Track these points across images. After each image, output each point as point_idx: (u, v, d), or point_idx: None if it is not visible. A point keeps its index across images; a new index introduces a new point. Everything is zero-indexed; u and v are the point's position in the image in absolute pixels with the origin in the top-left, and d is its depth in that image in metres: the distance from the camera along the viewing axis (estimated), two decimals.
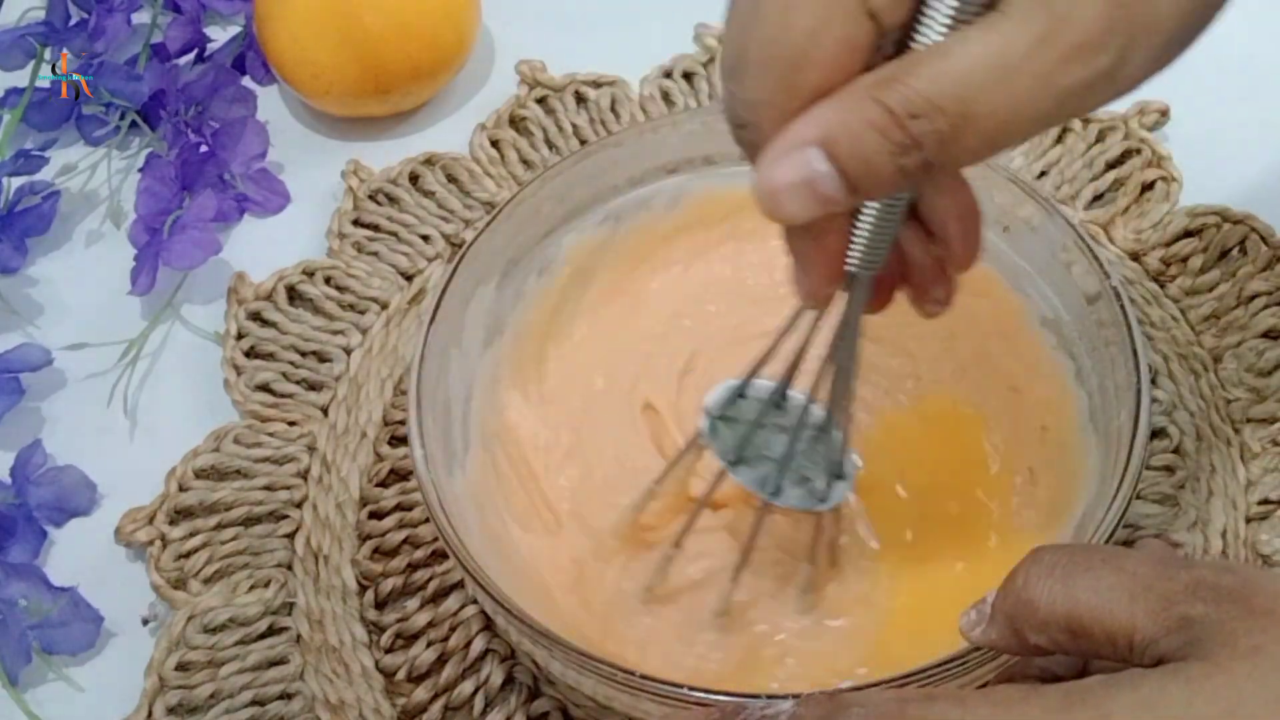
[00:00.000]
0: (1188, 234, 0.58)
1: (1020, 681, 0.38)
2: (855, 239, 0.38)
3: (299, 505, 0.53)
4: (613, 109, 0.65)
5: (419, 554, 0.51)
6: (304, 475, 0.54)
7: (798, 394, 0.44)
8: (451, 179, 0.63)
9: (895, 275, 0.41)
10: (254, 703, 0.48)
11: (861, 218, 0.38)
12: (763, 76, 0.34)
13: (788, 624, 0.46)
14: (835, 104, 0.34)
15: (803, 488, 0.45)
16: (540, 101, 0.66)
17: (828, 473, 0.44)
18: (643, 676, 0.40)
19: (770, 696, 0.38)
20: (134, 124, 0.66)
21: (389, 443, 0.55)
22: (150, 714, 0.48)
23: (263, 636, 0.50)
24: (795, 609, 0.46)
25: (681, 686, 0.40)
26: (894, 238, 0.39)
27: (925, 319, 0.42)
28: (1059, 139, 0.62)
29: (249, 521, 0.53)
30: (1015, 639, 0.36)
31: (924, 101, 0.32)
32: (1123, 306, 0.46)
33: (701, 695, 0.39)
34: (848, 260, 0.39)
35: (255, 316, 0.59)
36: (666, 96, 0.66)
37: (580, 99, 0.66)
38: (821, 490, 0.45)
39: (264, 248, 0.62)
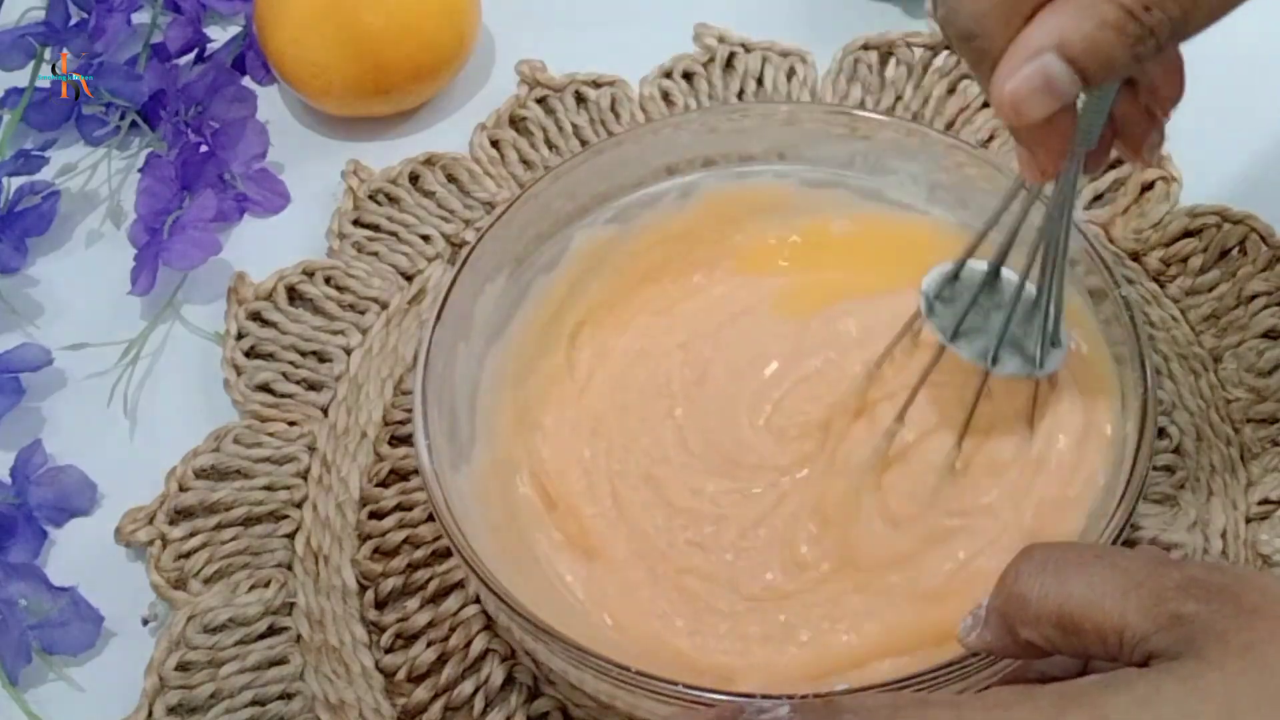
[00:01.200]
0: (1188, 234, 0.58)
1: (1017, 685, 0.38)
2: (1080, 116, 0.41)
3: (299, 505, 0.53)
4: (613, 109, 0.65)
5: (419, 554, 0.51)
6: (304, 475, 0.54)
7: (1008, 271, 0.47)
8: (451, 179, 0.63)
9: (1109, 136, 0.44)
10: (254, 703, 0.48)
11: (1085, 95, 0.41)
12: None
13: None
14: (1067, 7, 0.36)
15: (1020, 357, 0.47)
16: (540, 101, 0.66)
17: (1042, 342, 0.46)
18: (639, 673, 0.40)
19: (765, 697, 0.38)
20: (134, 124, 0.66)
21: (389, 443, 0.55)
22: (150, 714, 0.48)
23: (263, 636, 0.50)
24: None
25: (677, 684, 0.40)
26: (1110, 108, 0.42)
27: (1144, 167, 0.45)
28: None
29: (249, 521, 0.53)
30: (1009, 637, 0.36)
31: None
32: (1132, 318, 0.46)
33: (697, 693, 0.39)
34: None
35: (255, 316, 0.59)
36: (666, 96, 0.66)
37: (580, 99, 0.66)
38: (1035, 357, 0.47)
39: (264, 248, 0.62)
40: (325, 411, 0.56)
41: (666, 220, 0.55)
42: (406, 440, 0.54)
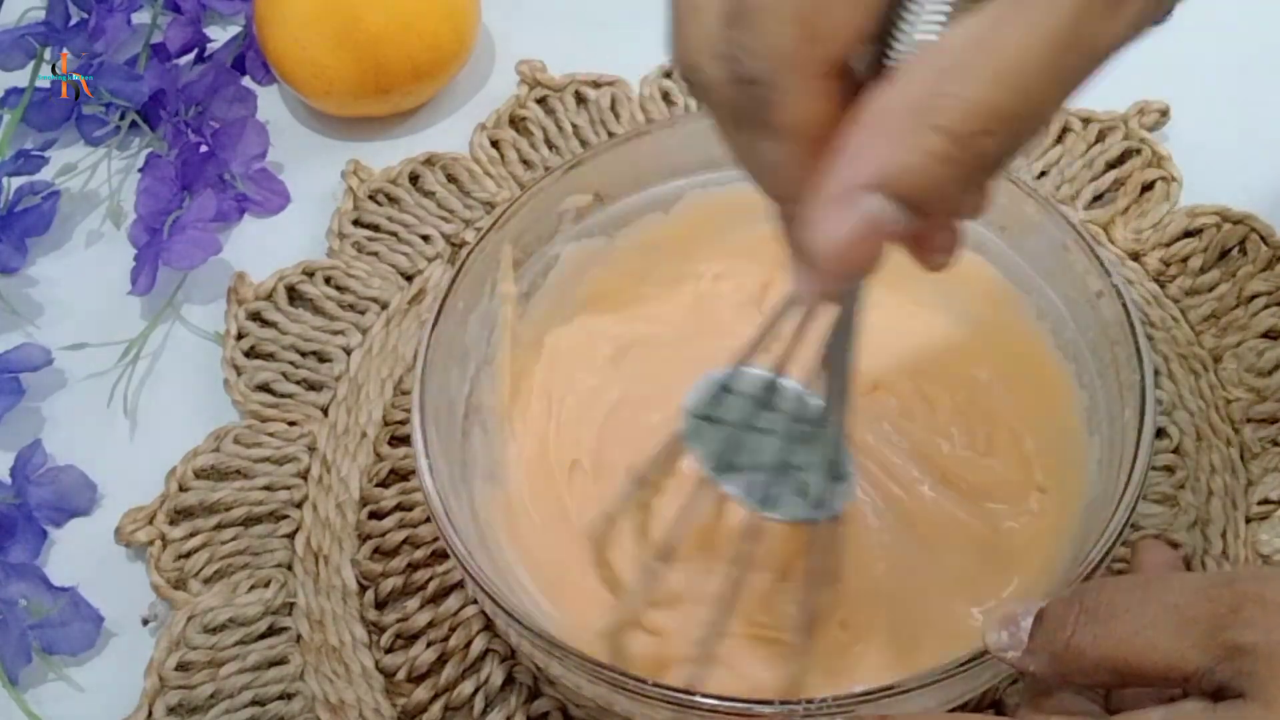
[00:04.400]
0: (1188, 234, 0.58)
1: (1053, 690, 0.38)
2: None
3: (299, 505, 0.53)
4: (613, 109, 0.65)
5: (419, 554, 0.51)
6: (304, 475, 0.54)
7: (791, 382, 0.40)
8: (451, 179, 0.63)
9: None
10: (254, 703, 0.48)
11: None
12: (778, 19, 0.30)
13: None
14: (882, 138, 0.30)
15: (799, 495, 0.40)
16: (540, 101, 0.66)
17: (824, 474, 0.40)
18: (654, 684, 0.40)
19: (783, 703, 0.38)
20: (134, 124, 0.66)
21: (389, 443, 0.55)
22: (150, 714, 0.48)
23: (263, 636, 0.50)
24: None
25: (694, 694, 0.39)
26: None
27: (931, 272, 0.36)
28: (1059, 139, 0.62)
29: (249, 521, 0.53)
30: (1058, 678, 0.36)
31: (988, 112, 0.29)
32: (1125, 305, 0.46)
33: (714, 702, 0.39)
34: None
35: (255, 316, 0.59)
36: (666, 96, 0.66)
37: (580, 99, 0.66)
38: (818, 496, 0.40)
39: (264, 248, 0.62)
40: (325, 411, 0.56)
41: (656, 227, 0.55)
42: (406, 440, 0.54)
